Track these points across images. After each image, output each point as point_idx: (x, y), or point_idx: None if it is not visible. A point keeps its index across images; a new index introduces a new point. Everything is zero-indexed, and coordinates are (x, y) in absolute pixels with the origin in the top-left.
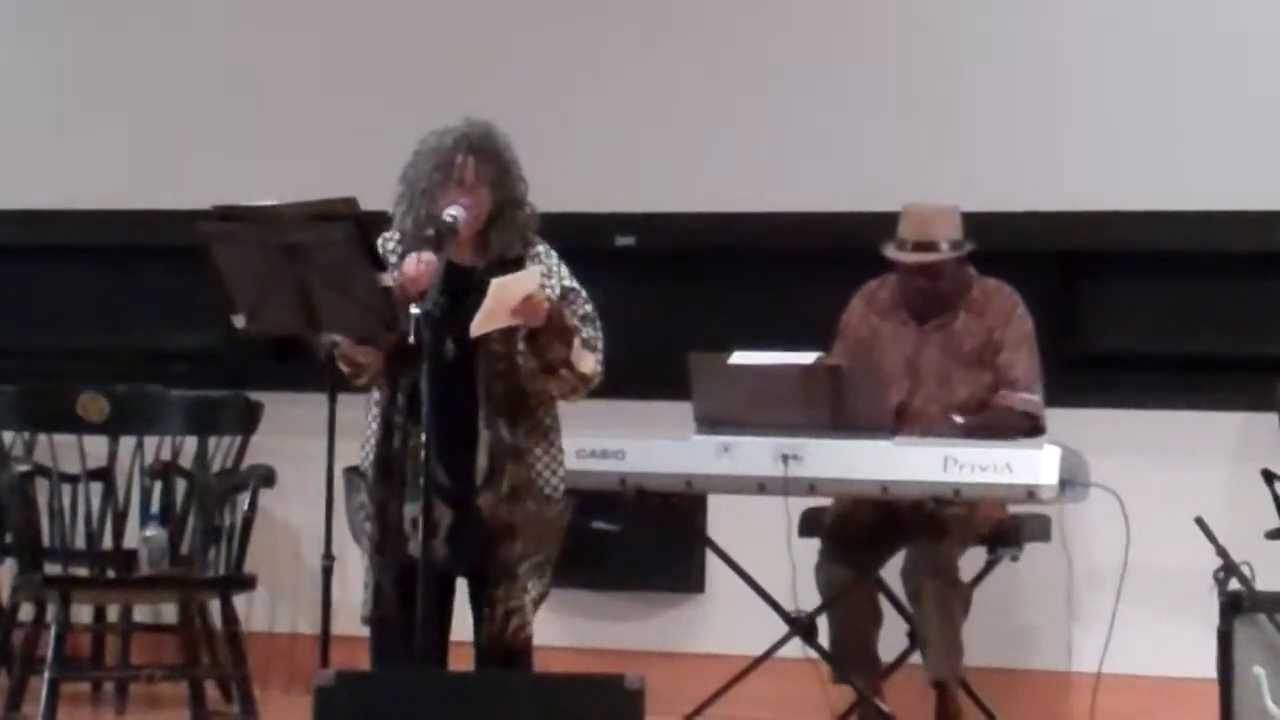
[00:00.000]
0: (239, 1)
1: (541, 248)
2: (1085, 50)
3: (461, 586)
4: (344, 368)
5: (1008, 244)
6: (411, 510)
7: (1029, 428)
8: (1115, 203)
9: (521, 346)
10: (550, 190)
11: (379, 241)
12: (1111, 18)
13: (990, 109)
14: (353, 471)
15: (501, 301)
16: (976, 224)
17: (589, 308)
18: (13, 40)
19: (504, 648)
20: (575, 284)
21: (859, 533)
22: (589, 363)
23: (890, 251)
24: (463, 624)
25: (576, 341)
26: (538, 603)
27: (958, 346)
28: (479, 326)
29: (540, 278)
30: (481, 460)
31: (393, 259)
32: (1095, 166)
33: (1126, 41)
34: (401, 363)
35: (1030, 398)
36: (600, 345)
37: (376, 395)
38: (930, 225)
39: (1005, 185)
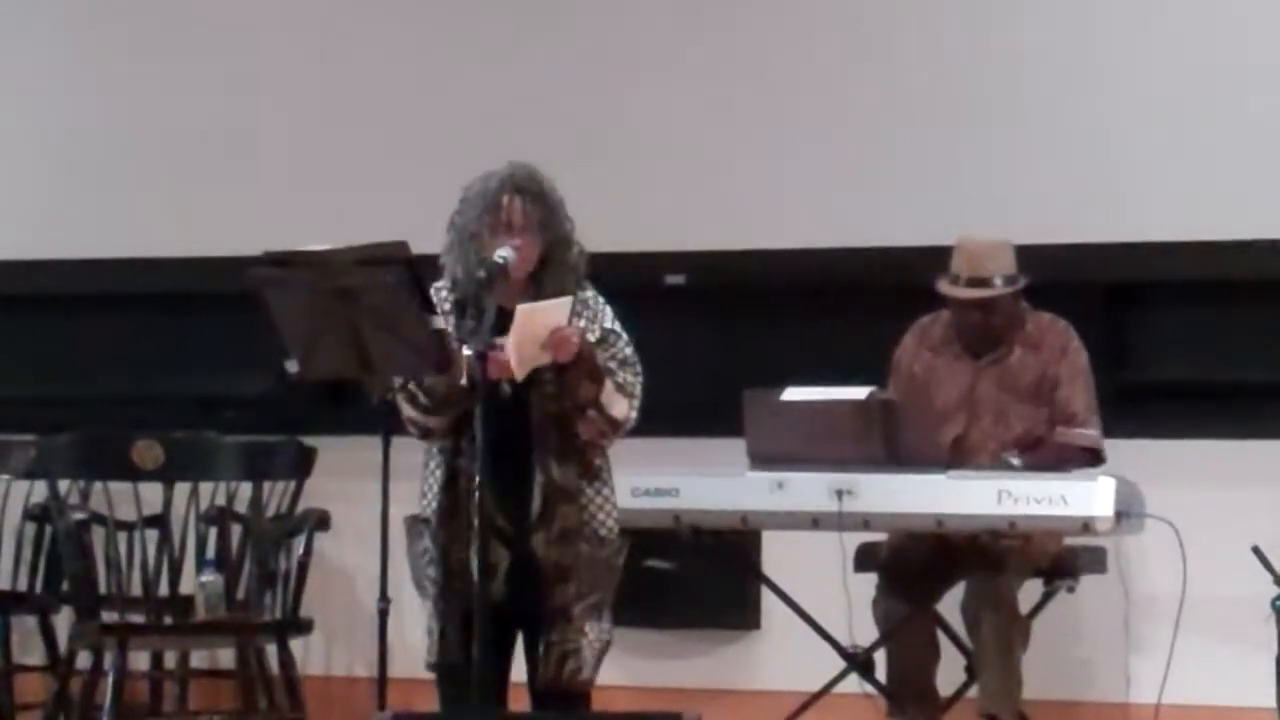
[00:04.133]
0: (285, 46)
1: (590, 291)
2: (1132, 82)
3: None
4: (413, 430)
5: (1058, 276)
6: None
7: (1089, 462)
8: (1164, 233)
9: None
10: (600, 229)
11: (431, 290)
12: (1159, 50)
13: (1039, 142)
14: (415, 519)
15: (529, 331)
16: (1026, 256)
17: (629, 351)
18: (57, 89)
19: (561, 691)
20: (617, 327)
21: (915, 567)
22: (621, 407)
23: (944, 287)
24: (520, 667)
25: (609, 384)
26: (602, 651)
27: (1013, 381)
28: (519, 367)
29: (569, 307)
30: (535, 502)
31: (445, 306)
32: (1144, 197)
33: (1174, 72)
34: (466, 412)
35: (1089, 432)
36: (638, 391)
37: (437, 443)
38: (984, 260)
39: (1055, 217)
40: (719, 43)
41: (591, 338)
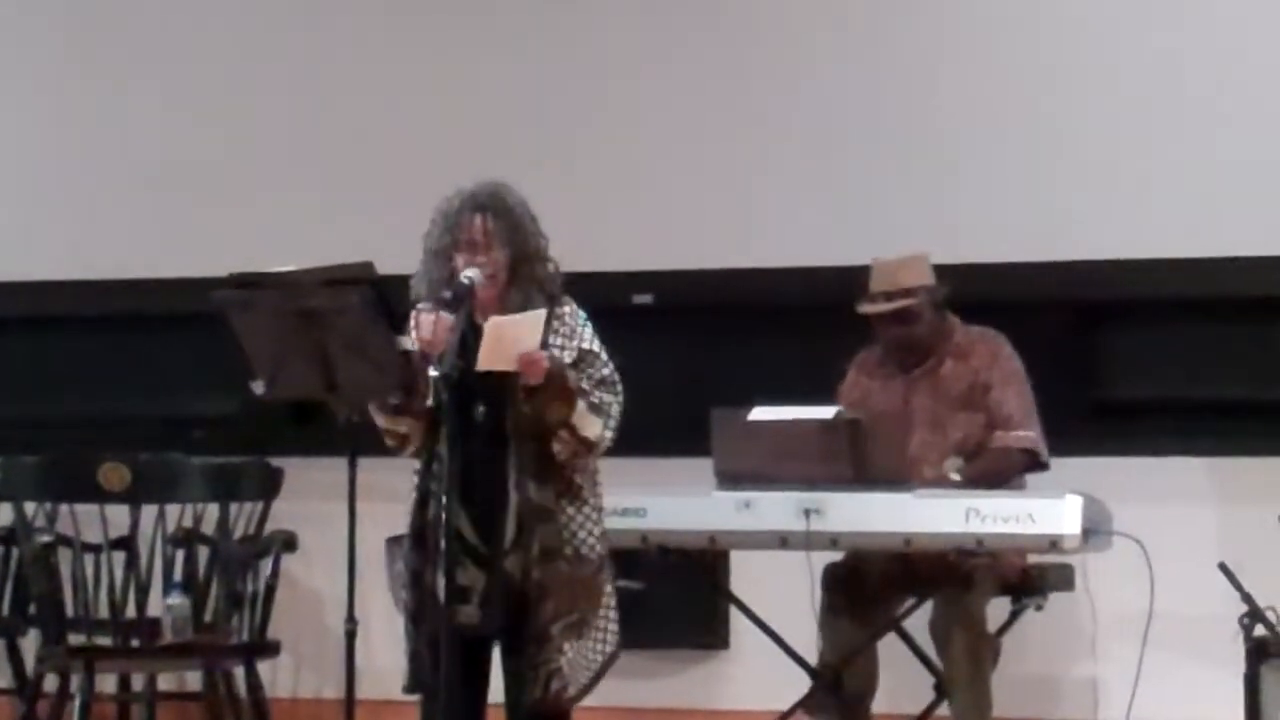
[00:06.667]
0: (251, 69)
1: (568, 308)
2: (1097, 100)
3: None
4: (389, 441)
5: (1024, 295)
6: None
7: (1029, 464)
8: (1130, 251)
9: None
10: (568, 248)
11: (413, 314)
12: (1122, 68)
13: (1004, 161)
14: (394, 541)
15: (499, 346)
16: (993, 276)
17: (607, 371)
18: (27, 112)
19: (545, 711)
20: (596, 347)
21: (869, 586)
22: (595, 428)
23: (863, 307)
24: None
25: (581, 405)
26: (598, 669)
27: (946, 391)
28: (482, 363)
29: (541, 322)
30: (510, 522)
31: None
32: (1109, 216)
33: (1139, 92)
34: (434, 429)
35: (1026, 434)
36: (615, 412)
37: (418, 464)
38: (895, 274)
39: (1021, 237)
40: (686, 63)
41: (568, 357)
